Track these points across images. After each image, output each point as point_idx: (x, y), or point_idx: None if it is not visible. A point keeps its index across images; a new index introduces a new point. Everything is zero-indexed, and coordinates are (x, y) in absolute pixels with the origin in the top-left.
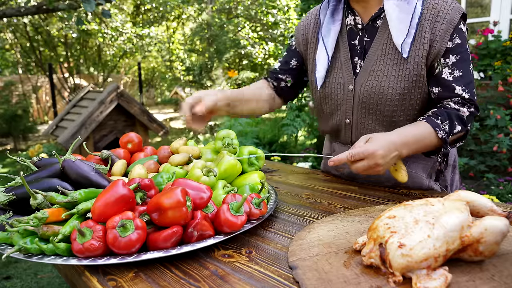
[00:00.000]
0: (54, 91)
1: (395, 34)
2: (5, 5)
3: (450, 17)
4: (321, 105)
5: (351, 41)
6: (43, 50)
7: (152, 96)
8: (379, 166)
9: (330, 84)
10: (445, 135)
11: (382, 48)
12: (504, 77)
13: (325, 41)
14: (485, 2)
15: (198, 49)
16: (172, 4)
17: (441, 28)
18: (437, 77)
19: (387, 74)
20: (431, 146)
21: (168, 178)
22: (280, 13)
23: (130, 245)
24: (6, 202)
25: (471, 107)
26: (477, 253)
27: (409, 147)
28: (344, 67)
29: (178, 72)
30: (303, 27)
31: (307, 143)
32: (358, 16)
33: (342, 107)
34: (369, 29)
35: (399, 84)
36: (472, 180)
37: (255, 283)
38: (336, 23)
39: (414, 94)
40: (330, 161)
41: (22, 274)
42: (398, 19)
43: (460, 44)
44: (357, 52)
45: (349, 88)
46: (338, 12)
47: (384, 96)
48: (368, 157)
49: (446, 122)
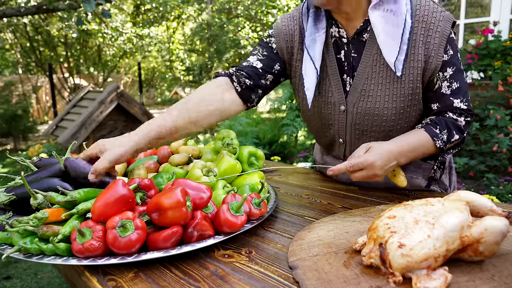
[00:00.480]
0: (54, 91)
1: (386, 51)
2: (5, 5)
3: (441, 29)
4: (310, 122)
5: (337, 55)
6: (43, 50)
7: (152, 96)
8: (378, 176)
9: (320, 104)
10: (443, 144)
11: (372, 65)
12: (504, 77)
13: (311, 53)
14: (485, 2)
15: (198, 49)
16: (172, 4)
17: (435, 42)
18: (436, 93)
19: (381, 94)
20: (428, 154)
21: (168, 178)
22: (280, 13)
23: (130, 245)
24: (7, 202)
25: (468, 116)
26: (477, 253)
27: (406, 156)
28: (334, 85)
29: (178, 72)
30: (286, 31)
31: (307, 143)
32: (342, 28)
33: (334, 127)
34: (355, 43)
35: (395, 104)
36: (472, 180)
37: (255, 283)
38: (321, 31)
39: (410, 112)
40: (330, 171)
41: (22, 274)
42: (385, 33)
43: (453, 54)
44: (344, 69)
45: (341, 108)
46: (320, 20)
47: (379, 117)
48: (367, 167)
49: (444, 131)
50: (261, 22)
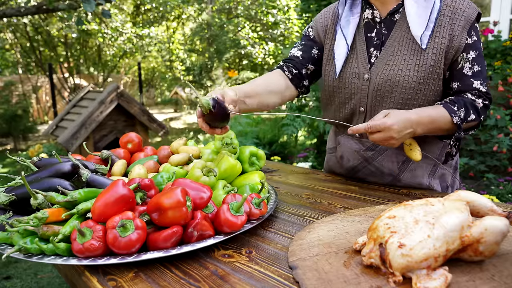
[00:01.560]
0: (54, 91)
1: (414, 27)
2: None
3: (467, 14)
4: (334, 94)
5: (368, 33)
6: (43, 50)
7: (152, 96)
8: (394, 139)
9: (345, 74)
10: (459, 121)
11: (399, 40)
12: (504, 77)
13: (344, 32)
14: (485, 2)
15: (198, 49)
16: (172, 4)
17: (460, 24)
18: (459, 72)
19: (404, 63)
20: (445, 130)
21: (168, 178)
22: (280, 13)
23: (130, 245)
24: (7, 202)
25: (486, 99)
26: (477, 253)
27: (424, 126)
28: (360, 58)
29: (178, 72)
30: (322, 18)
31: (307, 143)
32: (376, 10)
33: (356, 96)
34: (386, 22)
35: (416, 73)
36: (472, 180)
37: (255, 283)
38: (355, 15)
39: (429, 85)
40: (350, 130)
41: (22, 274)
42: (416, 14)
43: (477, 41)
44: (373, 44)
45: (365, 77)
46: (356, 6)
47: (400, 83)
48: (385, 130)
49: (462, 109)
50: (261, 22)
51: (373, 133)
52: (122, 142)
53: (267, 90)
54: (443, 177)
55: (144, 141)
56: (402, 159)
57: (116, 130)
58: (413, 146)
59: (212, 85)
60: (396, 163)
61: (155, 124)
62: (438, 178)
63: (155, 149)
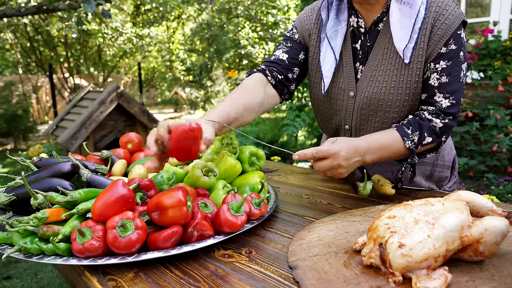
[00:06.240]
0: (54, 91)
1: (397, 40)
2: (5, 5)
3: (449, 22)
4: (319, 108)
5: (353, 44)
6: (43, 50)
7: (152, 96)
8: (341, 167)
9: (331, 89)
10: (413, 145)
11: (383, 53)
12: (504, 77)
13: (332, 44)
14: (485, 2)
15: (198, 49)
16: (172, 4)
17: (438, 32)
18: (425, 82)
19: (388, 80)
20: (398, 155)
21: (168, 178)
22: (280, 13)
23: (130, 245)
24: (7, 202)
25: (446, 118)
26: (477, 253)
27: (374, 154)
28: (346, 72)
29: (178, 72)
30: (307, 20)
31: (307, 143)
32: (361, 18)
33: (341, 113)
34: (371, 33)
35: (400, 90)
36: (472, 180)
37: (255, 283)
38: (342, 23)
39: (414, 101)
40: (295, 155)
41: (22, 274)
42: (400, 23)
43: (454, 50)
44: (358, 58)
45: (350, 94)
46: (342, 12)
47: (385, 102)
48: (331, 156)
49: (416, 132)
50: (261, 22)
51: (319, 160)
52: (122, 142)
53: (245, 109)
54: (441, 181)
55: (144, 141)
56: (396, 168)
57: (116, 130)
58: (382, 181)
59: (212, 85)
60: (391, 172)
61: (155, 124)
62: (435, 181)
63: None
